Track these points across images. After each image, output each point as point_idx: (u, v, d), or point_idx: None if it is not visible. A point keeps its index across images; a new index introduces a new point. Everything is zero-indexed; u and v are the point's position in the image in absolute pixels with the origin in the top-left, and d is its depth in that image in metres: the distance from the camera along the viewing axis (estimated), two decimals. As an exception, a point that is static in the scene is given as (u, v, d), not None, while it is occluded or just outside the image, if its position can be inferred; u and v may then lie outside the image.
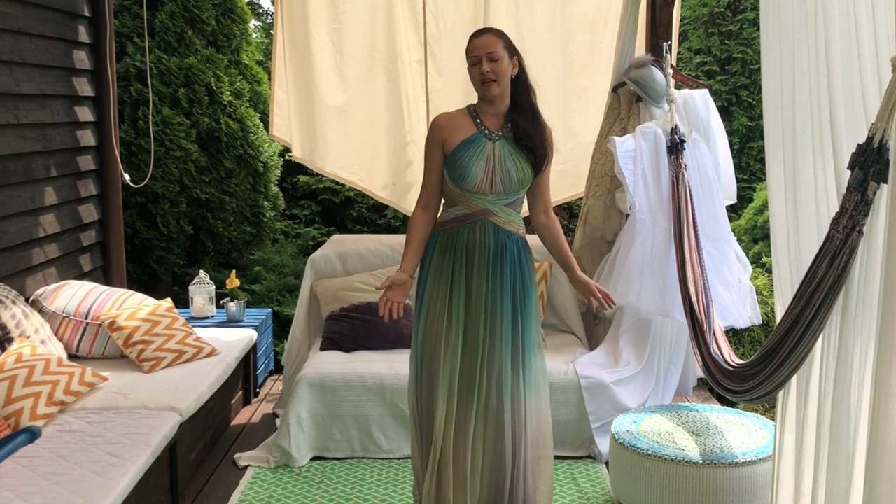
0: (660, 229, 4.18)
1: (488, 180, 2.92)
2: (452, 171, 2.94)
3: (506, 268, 2.96)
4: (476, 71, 2.90)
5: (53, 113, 4.40)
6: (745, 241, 5.91)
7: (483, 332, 2.94)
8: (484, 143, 2.93)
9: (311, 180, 6.87)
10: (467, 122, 2.97)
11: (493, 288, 2.95)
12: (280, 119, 5.16)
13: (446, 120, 2.99)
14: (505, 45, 2.94)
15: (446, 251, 2.98)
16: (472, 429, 2.94)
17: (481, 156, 2.91)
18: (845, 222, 2.06)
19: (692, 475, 3.21)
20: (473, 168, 2.90)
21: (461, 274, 2.95)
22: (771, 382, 2.48)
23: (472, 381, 2.94)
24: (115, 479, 2.81)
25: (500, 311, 2.95)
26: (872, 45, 2.07)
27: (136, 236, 5.88)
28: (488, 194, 2.94)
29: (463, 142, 2.92)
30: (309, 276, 4.68)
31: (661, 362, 4.35)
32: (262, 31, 8.48)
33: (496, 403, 2.95)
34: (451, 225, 3.00)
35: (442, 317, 2.96)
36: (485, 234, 2.95)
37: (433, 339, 2.98)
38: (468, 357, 2.94)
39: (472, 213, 2.96)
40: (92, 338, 4.06)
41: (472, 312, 2.94)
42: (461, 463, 2.95)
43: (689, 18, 7.21)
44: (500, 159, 2.93)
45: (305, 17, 4.95)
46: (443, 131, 2.96)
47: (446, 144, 2.95)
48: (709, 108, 4.42)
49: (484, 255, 2.95)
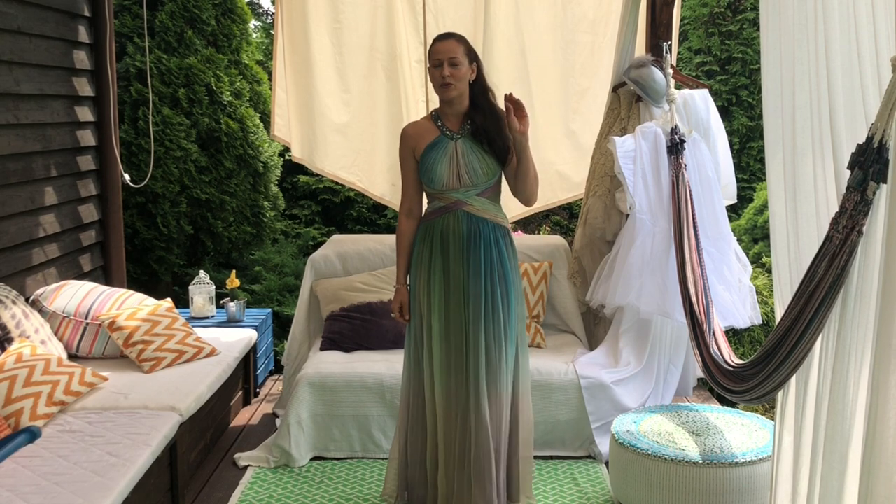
0: (660, 229, 4.18)
1: (455, 176, 3.16)
2: (423, 173, 3.20)
3: (479, 251, 3.16)
4: (437, 73, 3.12)
5: (53, 113, 4.40)
6: (745, 241, 5.91)
7: (464, 314, 3.15)
8: (447, 144, 3.17)
9: (311, 180, 6.87)
10: (431, 127, 3.22)
11: (468, 272, 3.16)
12: (281, 119, 5.16)
13: (413, 129, 3.27)
14: (466, 50, 3.15)
15: (425, 241, 3.23)
16: (463, 407, 3.14)
17: (444, 155, 3.16)
18: (845, 222, 2.06)
19: (692, 475, 3.21)
20: (439, 168, 3.15)
21: (437, 260, 3.18)
22: (770, 382, 2.48)
23: (461, 361, 3.14)
24: (115, 479, 2.81)
25: (477, 293, 3.15)
26: (872, 46, 2.07)
27: (136, 236, 5.88)
28: (458, 188, 3.17)
29: (428, 146, 3.18)
30: (309, 276, 4.68)
31: (661, 362, 4.35)
32: (262, 31, 8.48)
33: (474, 383, 3.14)
34: (430, 217, 3.24)
35: (424, 303, 3.20)
36: (458, 221, 3.17)
37: (419, 325, 3.22)
38: (454, 338, 3.16)
39: (446, 206, 3.19)
40: (92, 338, 4.07)
41: (453, 296, 3.16)
42: (452, 441, 3.16)
43: (689, 18, 7.22)
44: (464, 155, 3.16)
45: (305, 17, 4.95)
46: (411, 140, 3.23)
47: (416, 152, 3.23)
48: (709, 108, 4.42)
49: (458, 241, 3.16)
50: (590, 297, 4.43)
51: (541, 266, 4.60)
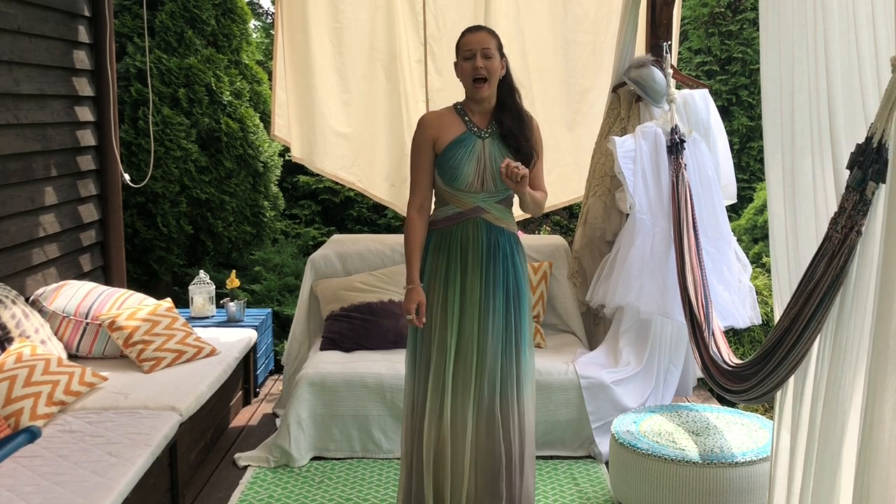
0: (660, 229, 4.18)
1: (479, 178, 2.96)
2: (444, 170, 2.97)
3: (499, 265, 3.00)
4: (469, 65, 2.92)
5: (53, 113, 4.40)
6: (745, 241, 5.91)
7: (477, 328, 2.98)
8: (474, 142, 2.96)
9: (311, 180, 6.87)
10: (456, 121, 3.00)
11: (486, 284, 2.98)
12: (281, 119, 5.16)
13: (434, 118, 3.02)
14: (497, 44, 2.97)
15: (440, 251, 3.01)
16: (469, 423, 2.99)
17: (472, 154, 2.95)
18: (844, 222, 2.06)
19: (692, 475, 3.21)
20: (465, 167, 2.94)
21: (456, 272, 2.99)
22: (769, 382, 2.48)
23: (468, 377, 2.99)
24: (115, 479, 2.81)
25: (493, 307, 2.99)
26: (872, 46, 2.07)
27: (136, 236, 5.88)
28: (479, 192, 2.98)
29: (454, 140, 2.95)
30: (309, 276, 4.68)
31: (661, 362, 4.35)
32: (262, 31, 8.48)
33: (489, 398, 3.00)
34: (443, 224, 3.02)
35: (437, 316, 3.00)
36: (478, 231, 2.98)
37: (430, 338, 3.02)
38: (463, 353, 2.99)
39: (464, 212, 2.99)
40: (92, 338, 4.07)
41: (467, 310, 2.98)
42: (459, 457, 3.01)
43: (689, 18, 7.22)
44: (491, 157, 2.96)
45: (305, 17, 4.95)
46: (432, 130, 2.98)
47: (437, 143, 2.97)
48: (709, 108, 4.42)
49: (477, 253, 2.98)
50: (590, 297, 4.43)
51: (541, 266, 4.60)
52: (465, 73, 2.95)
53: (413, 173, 3.04)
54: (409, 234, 3.02)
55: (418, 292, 2.98)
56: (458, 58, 2.97)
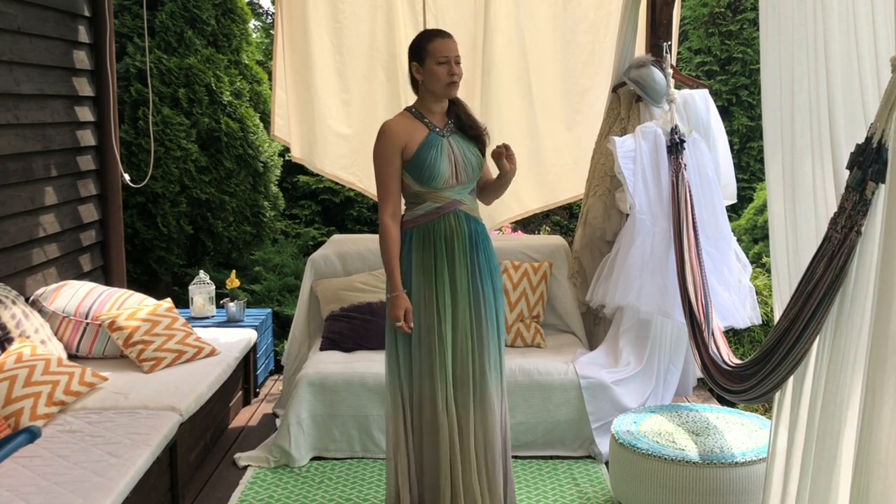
0: (660, 229, 4.18)
1: (454, 174, 3.10)
2: (420, 172, 3.06)
3: (481, 253, 3.13)
4: (444, 70, 3.07)
5: (53, 113, 4.40)
6: (745, 241, 5.91)
7: (469, 317, 3.09)
8: (440, 141, 3.10)
9: (311, 180, 6.87)
10: (417, 125, 3.13)
11: (472, 274, 3.11)
12: (281, 119, 5.16)
13: (399, 125, 3.12)
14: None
15: (424, 246, 3.10)
16: (471, 412, 3.09)
17: (442, 153, 3.08)
18: (843, 222, 2.06)
19: (692, 475, 3.21)
20: (440, 166, 3.06)
21: (443, 266, 3.08)
22: (769, 382, 2.49)
23: (466, 366, 3.08)
24: (115, 479, 2.82)
25: (483, 295, 3.11)
26: (872, 46, 2.07)
27: (136, 236, 5.88)
28: (455, 186, 3.11)
29: (422, 144, 3.07)
30: (309, 276, 4.68)
31: (661, 362, 4.35)
32: (262, 31, 8.48)
33: (484, 384, 3.10)
34: (423, 220, 3.11)
35: (430, 311, 3.08)
36: (459, 223, 3.11)
37: (426, 333, 3.08)
38: (459, 343, 3.08)
39: (442, 206, 3.11)
40: (92, 338, 4.07)
41: (459, 301, 3.08)
42: (465, 446, 3.09)
43: (689, 18, 7.22)
44: (460, 151, 3.12)
45: (305, 17, 4.95)
46: (400, 137, 3.07)
47: (406, 150, 3.08)
48: (709, 108, 4.42)
49: (462, 244, 3.10)
50: (590, 297, 4.43)
51: (541, 266, 4.60)
52: (439, 77, 3.07)
53: (383, 181, 3.09)
54: (387, 242, 3.07)
55: (403, 298, 3.06)
56: (425, 61, 3.09)
